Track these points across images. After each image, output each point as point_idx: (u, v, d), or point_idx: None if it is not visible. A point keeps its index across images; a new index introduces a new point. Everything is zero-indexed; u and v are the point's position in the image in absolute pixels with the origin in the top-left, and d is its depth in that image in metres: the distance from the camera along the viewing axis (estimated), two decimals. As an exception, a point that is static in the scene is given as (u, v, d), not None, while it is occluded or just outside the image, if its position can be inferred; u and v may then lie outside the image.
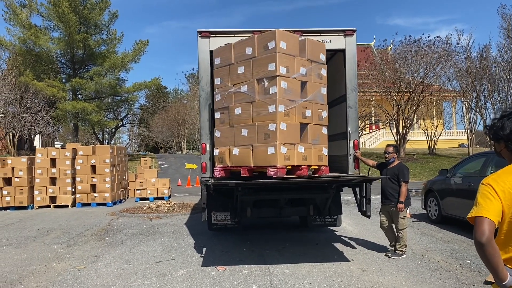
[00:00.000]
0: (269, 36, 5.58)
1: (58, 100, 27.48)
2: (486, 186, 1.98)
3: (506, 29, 24.40)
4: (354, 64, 7.02)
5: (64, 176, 13.00)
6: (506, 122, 2.06)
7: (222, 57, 6.17)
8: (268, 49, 5.55)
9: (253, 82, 5.69)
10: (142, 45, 30.70)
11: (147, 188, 14.47)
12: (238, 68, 5.89)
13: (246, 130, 5.74)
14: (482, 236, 1.85)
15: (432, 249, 6.88)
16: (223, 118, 6.12)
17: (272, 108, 5.47)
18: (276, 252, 6.74)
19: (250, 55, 5.76)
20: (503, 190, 1.94)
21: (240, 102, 5.85)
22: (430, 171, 22.49)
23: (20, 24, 27.32)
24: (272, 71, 5.48)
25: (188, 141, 58.69)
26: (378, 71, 27.69)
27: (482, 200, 1.95)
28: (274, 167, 5.37)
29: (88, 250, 7.19)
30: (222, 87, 6.14)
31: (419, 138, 35.07)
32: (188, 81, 56.67)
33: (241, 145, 5.79)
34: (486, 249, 1.85)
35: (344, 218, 9.20)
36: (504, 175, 2.00)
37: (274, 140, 5.42)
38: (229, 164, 5.94)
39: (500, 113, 2.17)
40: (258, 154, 5.57)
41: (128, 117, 43.53)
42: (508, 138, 2.05)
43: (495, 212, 1.91)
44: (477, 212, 1.93)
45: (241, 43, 5.95)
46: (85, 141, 49.94)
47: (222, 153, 6.04)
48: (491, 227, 1.87)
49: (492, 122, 2.15)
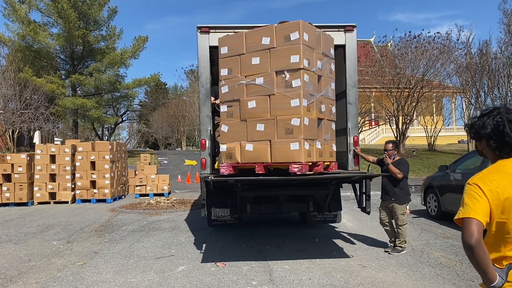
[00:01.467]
0: (292, 27, 5.36)
1: (57, 96, 27.45)
2: (473, 186, 1.93)
3: (506, 24, 24.30)
4: (354, 60, 6.99)
5: (63, 172, 12.99)
6: (486, 120, 2.03)
7: (230, 47, 5.81)
8: (291, 40, 5.32)
9: (271, 74, 5.43)
10: (142, 41, 30.66)
11: (146, 184, 14.48)
12: (252, 59, 5.56)
13: (263, 125, 5.45)
14: (471, 238, 1.80)
15: (431, 245, 6.88)
16: (231, 112, 5.75)
17: (295, 102, 5.25)
18: (276, 248, 6.74)
19: (268, 45, 5.47)
20: (490, 190, 1.89)
21: (254, 95, 5.54)
22: (429, 167, 22.50)
23: (19, 20, 27.26)
24: (295, 63, 5.26)
25: (188, 137, 58.69)
26: (378, 67, 27.64)
27: (469, 201, 1.90)
28: (298, 164, 5.18)
29: (88, 246, 7.19)
30: (230, 78, 5.76)
31: (419, 135, 35.07)
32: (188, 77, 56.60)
33: (256, 140, 5.49)
34: (475, 251, 1.80)
35: (344, 214, 9.21)
36: (490, 174, 1.95)
37: (298, 135, 5.22)
38: (240, 161, 5.61)
39: (480, 112, 2.13)
40: (278, 149, 5.34)
41: (127, 113, 43.61)
42: (489, 137, 2.02)
43: (483, 212, 1.86)
44: (465, 213, 1.88)
45: (256, 32, 5.63)
46: (84, 137, 49.98)
47: (231, 149, 5.68)
48: (479, 228, 1.82)
49: (472, 121, 2.13)
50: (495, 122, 1.99)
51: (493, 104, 24.82)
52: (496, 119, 1.99)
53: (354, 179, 6.39)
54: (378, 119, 34.40)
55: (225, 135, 5.83)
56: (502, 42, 24.49)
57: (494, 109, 2.05)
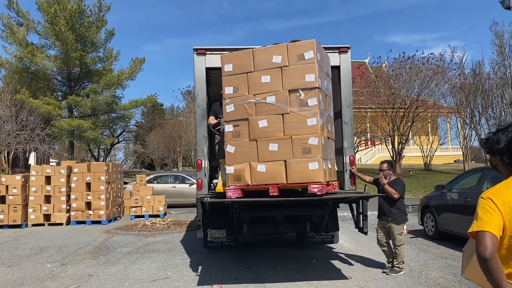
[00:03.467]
0: (306, 46, 5.37)
1: (53, 118, 27.44)
2: (486, 200, 1.97)
3: (498, 45, 24.74)
4: (349, 80, 7.06)
5: (58, 194, 12.89)
6: (500, 136, 2.07)
7: (236, 64, 5.65)
8: (305, 58, 5.32)
9: (284, 92, 5.34)
10: (139, 62, 30.87)
11: (142, 206, 14.37)
12: (262, 77, 5.47)
13: (276, 144, 5.31)
14: (485, 251, 1.83)
15: (429, 266, 6.83)
16: (238, 131, 5.55)
17: (312, 121, 5.20)
18: (273, 270, 6.66)
19: (280, 63, 5.42)
20: (503, 204, 1.92)
21: (265, 114, 5.41)
22: (426, 186, 22.48)
23: (16, 42, 27.45)
24: (311, 82, 5.26)
25: (184, 157, 58.52)
26: (373, 88, 27.90)
27: (483, 214, 1.93)
28: (318, 184, 5.10)
29: (82, 268, 7.09)
30: (236, 96, 5.58)
31: (414, 154, 35.15)
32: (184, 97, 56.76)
33: (269, 160, 5.33)
34: (489, 264, 1.82)
35: (341, 235, 9.15)
36: (503, 189, 1.99)
37: (316, 154, 5.15)
38: (250, 183, 5.37)
39: (496, 127, 2.18)
40: (295, 170, 5.21)
41: (124, 134, 43.46)
42: (502, 152, 2.06)
43: (497, 226, 1.90)
44: (479, 227, 1.91)
45: (266, 50, 5.56)
46: (80, 158, 49.75)
47: (240, 170, 5.42)
48: (493, 241, 1.85)
49: (487, 136, 2.18)
50: (508, 137, 2.03)
51: (487, 123, 25.03)
52: (510, 135, 2.03)
53: (351, 200, 6.37)
54: (374, 139, 34.53)
55: (231, 156, 5.55)
56: (495, 62, 24.88)
57: (510, 125, 2.09)
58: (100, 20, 29.62)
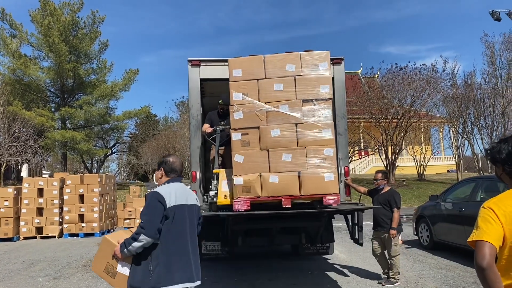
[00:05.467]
0: (321, 56, 5.39)
1: (46, 129, 27.29)
2: (487, 210, 1.97)
3: (489, 56, 25.07)
4: (343, 91, 7.09)
5: (51, 206, 12.76)
6: (502, 146, 2.12)
7: (245, 70, 5.45)
8: (319, 69, 5.34)
9: (298, 102, 5.29)
10: (132, 74, 30.87)
11: (136, 217, 14.24)
12: (274, 84, 5.35)
13: (290, 155, 5.17)
14: (483, 260, 1.84)
15: (425, 276, 6.82)
16: (247, 140, 5.33)
17: (327, 132, 5.19)
18: (268, 282, 6.62)
19: (293, 72, 5.36)
20: (504, 214, 1.93)
21: (278, 123, 5.27)
22: (420, 196, 22.53)
23: (10, 54, 27.38)
24: (326, 93, 5.28)
25: (178, 169, 58.26)
26: (366, 98, 28.07)
27: (483, 224, 1.94)
28: (334, 195, 5.06)
29: (75, 282, 6.99)
30: (246, 104, 5.37)
31: (408, 164, 35.28)
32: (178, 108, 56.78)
33: (282, 171, 5.18)
34: (487, 273, 1.83)
35: (336, 246, 9.12)
36: (505, 199, 2.00)
37: (332, 165, 5.13)
38: (261, 194, 5.17)
39: (499, 138, 2.25)
40: (309, 181, 5.12)
41: (117, 145, 43.38)
42: (504, 162, 2.11)
43: (496, 236, 1.91)
44: (478, 236, 1.92)
45: (278, 58, 5.47)
46: (73, 170, 49.40)
47: (250, 181, 5.18)
48: (492, 251, 1.86)
49: (490, 146, 2.23)
50: (510, 147, 2.09)
51: (480, 133, 25.24)
52: (511, 145, 2.09)
53: (347, 211, 6.36)
54: (368, 149, 34.66)
55: (240, 166, 5.26)
56: (486, 73, 25.19)
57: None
58: (93, 31, 29.67)
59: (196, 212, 3.45)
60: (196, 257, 3.37)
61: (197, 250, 3.41)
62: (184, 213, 3.26)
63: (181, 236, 3.21)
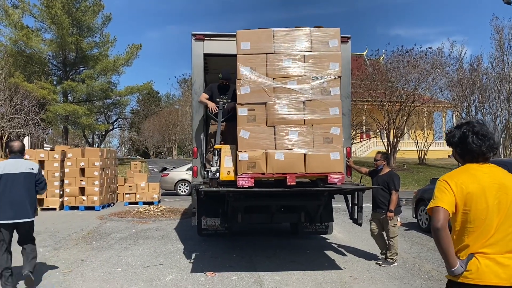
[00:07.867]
0: (331, 33, 5.27)
1: (48, 102, 27.22)
2: (442, 181, 2.33)
3: (497, 40, 24.71)
4: (348, 71, 6.99)
5: (52, 179, 12.78)
6: (456, 131, 2.45)
7: (254, 43, 5.29)
8: (329, 46, 5.23)
9: (306, 79, 5.19)
10: (135, 49, 30.62)
11: (136, 192, 14.30)
12: (283, 60, 5.23)
13: (297, 132, 5.12)
14: (437, 222, 2.20)
15: (423, 258, 6.85)
16: (253, 116, 5.22)
17: (334, 110, 5.13)
18: (266, 259, 6.66)
19: (303, 48, 5.25)
20: (456, 185, 2.27)
21: (285, 99, 5.18)
22: (420, 180, 22.58)
23: (12, 24, 27.10)
24: (335, 72, 5.20)
25: (179, 146, 58.45)
26: (370, 81, 27.82)
27: (438, 193, 2.30)
28: (339, 174, 5.04)
29: (75, 253, 7.06)
30: (253, 79, 5.25)
31: (409, 148, 35.23)
32: (180, 86, 56.60)
33: (288, 148, 5.13)
34: (440, 233, 2.18)
35: (335, 226, 9.15)
36: (457, 174, 2.36)
37: (338, 144, 5.10)
38: (266, 171, 5.11)
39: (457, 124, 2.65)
40: (315, 159, 5.07)
41: (119, 121, 43.32)
42: (456, 145, 2.45)
43: (449, 203, 2.25)
44: (434, 203, 2.27)
45: (288, 32, 5.31)
46: (74, 144, 49.51)
47: (256, 158, 5.09)
48: (445, 215, 2.22)
49: (448, 131, 2.57)
50: (461, 133, 2.41)
51: (483, 118, 25.11)
52: (463, 130, 2.40)
53: (347, 191, 6.35)
54: (370, 132, 34.57)
55: (245, 142, 5.18)
56: (493, 57, 24.86)
57: (465, 123, 2.46)
58: (97, 4, 29.33)
59: (25, 177, 5.35)
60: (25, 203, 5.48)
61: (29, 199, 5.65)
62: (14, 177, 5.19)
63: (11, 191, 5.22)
